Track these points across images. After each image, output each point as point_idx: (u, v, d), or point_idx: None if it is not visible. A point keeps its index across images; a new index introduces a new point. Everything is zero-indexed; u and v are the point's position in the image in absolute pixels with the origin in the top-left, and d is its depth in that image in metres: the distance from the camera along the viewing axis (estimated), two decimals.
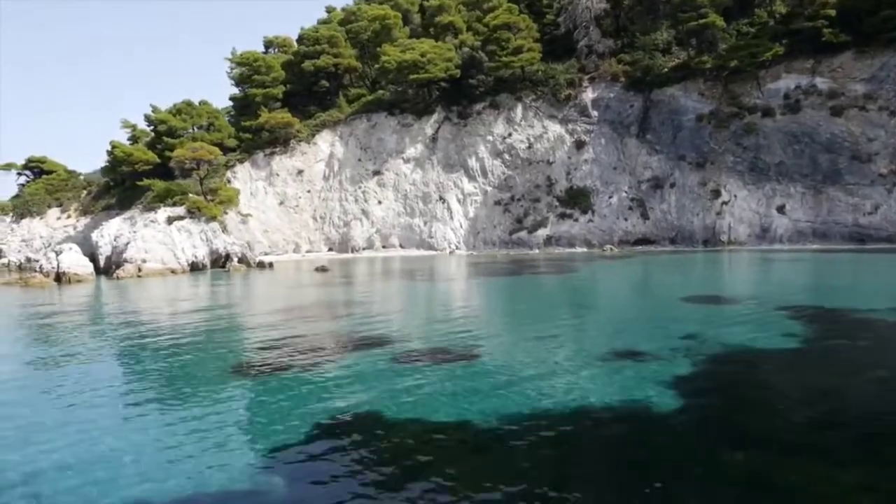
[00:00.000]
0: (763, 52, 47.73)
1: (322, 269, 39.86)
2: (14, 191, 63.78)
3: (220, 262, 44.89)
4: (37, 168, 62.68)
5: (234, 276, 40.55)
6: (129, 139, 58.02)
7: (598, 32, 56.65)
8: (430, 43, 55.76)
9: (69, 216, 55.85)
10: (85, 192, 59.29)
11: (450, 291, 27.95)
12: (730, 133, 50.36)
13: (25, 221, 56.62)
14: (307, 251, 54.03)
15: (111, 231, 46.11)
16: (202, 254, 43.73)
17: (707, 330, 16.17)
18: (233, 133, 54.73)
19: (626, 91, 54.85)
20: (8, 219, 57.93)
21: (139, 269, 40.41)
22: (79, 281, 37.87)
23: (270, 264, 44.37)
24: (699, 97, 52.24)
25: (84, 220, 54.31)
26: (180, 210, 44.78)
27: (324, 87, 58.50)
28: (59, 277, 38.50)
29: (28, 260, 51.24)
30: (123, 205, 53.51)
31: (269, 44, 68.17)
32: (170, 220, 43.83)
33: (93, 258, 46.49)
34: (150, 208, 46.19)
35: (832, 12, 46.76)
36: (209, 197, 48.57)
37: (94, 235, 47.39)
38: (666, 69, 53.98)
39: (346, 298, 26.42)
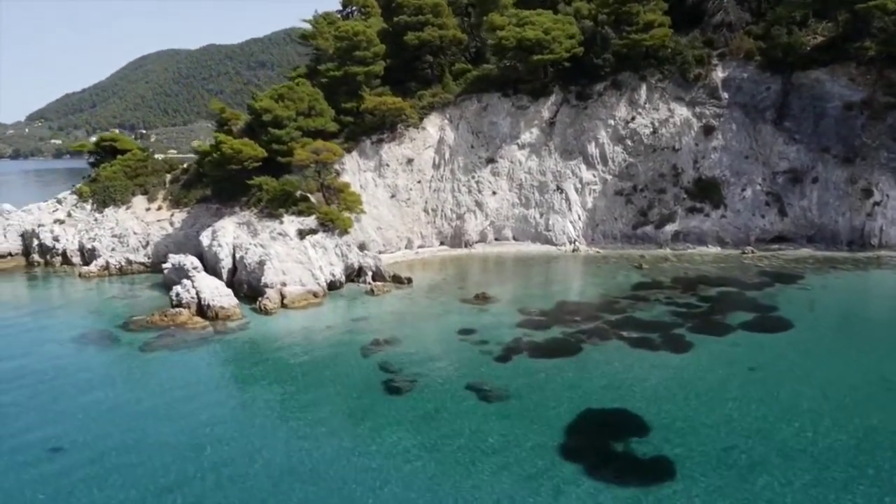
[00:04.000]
0: None
1: (482, 298, 37.00)
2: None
3: (351, 276, 41.86)
4: (109, 147, 57.83)
5: (384, 301, 37.76)
6: (217, 122, 53.29)
7: (734, 5, 51.45)
8: (549, 16, 50.49)
9: (159, 207, 51.72)
10: (169, 176, 54.89)
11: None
12: (885, 126, 46.70)
13: (109, 211, 52.41)
14: (419, 246, 50.87)
15: (227, 239, 42.57)
16: (338, 271, 40.61)
17: None
18: (332, 116, 50.09)
19: (761, 71, 50.50)
20: (88, 206, 53.74)
21: (282, 296, 37.36)
22: (227, 317, 34.84)
23: (409, 279, 41.37)
24: (848, 83, 48.14)
25: (179, 215, 50.26)
26: (310, 221, 41.22)
27: (427, 62, 53.42)
28: (203, 311, 35.50)
29: (129, 262, 47.74)
30: (222, 198, 49.58)
31: (346, 2, 62.14)
32: (301, 234, 40.39)
33: (200, 256, 43.57)
34: (269, 215, 42.50)
35: None
36: (326, 194, 44.87)
37: (206, 240, 43.87)
38: (808, 48, 49.48)
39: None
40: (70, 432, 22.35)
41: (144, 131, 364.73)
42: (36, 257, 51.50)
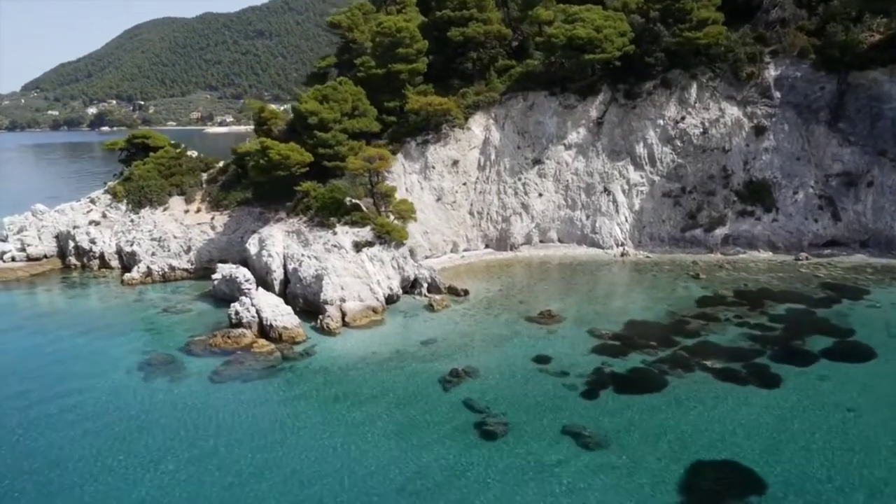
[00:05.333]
0: None
1: (548, 316, 36.29)
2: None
3: (406, 288, 41.06)
4: (141, 144, 56.42)
5: (445, 318, 37.04)
6: (256, 122, 51.91)
7: (790, 1, 49.80)
8: (599, 13, 48.79)
9: (198, 209, 50.51)
10: (205, 175, 53.56)
11: None
12: None
13: (146, 212, 51.22)
14: (465, 250, 50.00)
15: (277, 248, 41.67)
16: (395, 284, 39.82)
17: None
18: (375, 115, 48.69)
19: (815, 70, 49.07)
20: (123, 207, 52.55)
21: (343, 313, 36.61)
22: (291, 338, 34.14)
23: (465, 291, 40.66)
24: None
25: (220, 218, 49.11)
26: (365, 233, 40.26)
27: (470, 59, 51.84)
28: (265, 331, 34.77)
29: (172, 268, 46.75)
30: (263, 202, 48.55)
31: None
32: (358, 247, 39.48)
33: (245, 263, 42.87)
34: (320, 224, 41.49)
35: None
36: (374, 200, 43.81)
37: (253, 248, 43.02)
38: (865, 46, 48.00)
39: None
40: (164, 494, 21.54)
41: (143, 102, 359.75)
42: (73, 260, 50.67)
